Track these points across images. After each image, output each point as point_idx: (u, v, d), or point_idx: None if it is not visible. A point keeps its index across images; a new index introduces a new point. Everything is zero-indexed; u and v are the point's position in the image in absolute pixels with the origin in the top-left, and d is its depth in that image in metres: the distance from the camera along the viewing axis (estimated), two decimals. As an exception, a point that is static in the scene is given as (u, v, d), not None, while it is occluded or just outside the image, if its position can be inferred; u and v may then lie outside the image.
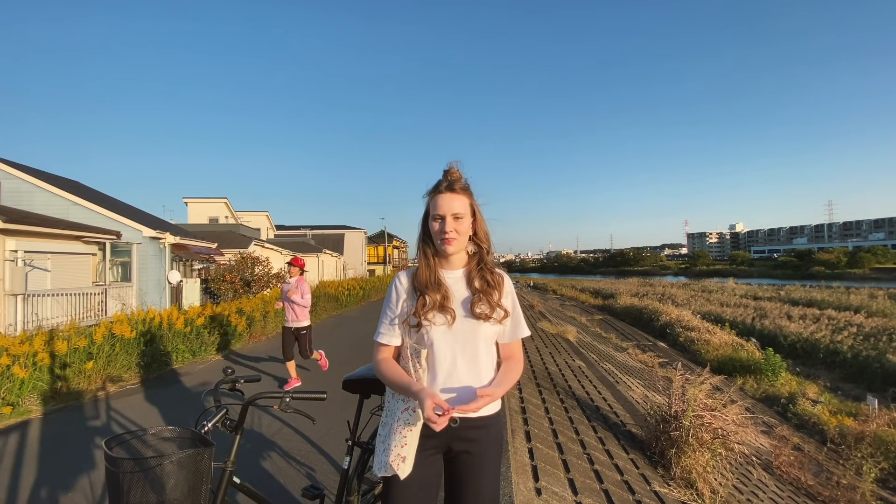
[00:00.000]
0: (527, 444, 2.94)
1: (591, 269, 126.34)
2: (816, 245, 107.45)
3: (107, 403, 4.97)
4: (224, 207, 26.91)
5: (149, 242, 12.17)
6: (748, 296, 29.02)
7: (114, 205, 13.48)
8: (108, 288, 10.79)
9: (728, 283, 39.44)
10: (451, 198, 1.38)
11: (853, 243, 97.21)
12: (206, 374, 6.23)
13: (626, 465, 3.19)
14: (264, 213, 31.35)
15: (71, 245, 10.63)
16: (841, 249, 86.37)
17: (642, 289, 35.12)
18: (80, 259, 11.05)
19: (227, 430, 1.60)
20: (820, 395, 10.55)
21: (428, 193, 1.43)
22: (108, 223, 11.64)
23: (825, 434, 7.50)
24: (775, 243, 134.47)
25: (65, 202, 11.57)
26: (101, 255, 11.46)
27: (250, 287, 14.32)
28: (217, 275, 14.46)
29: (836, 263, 77.09)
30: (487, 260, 1.45)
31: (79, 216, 11.47)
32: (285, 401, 1.59)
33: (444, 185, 1.40)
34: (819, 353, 14.31)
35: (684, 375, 3.74)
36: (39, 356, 5.07)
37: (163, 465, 1.21)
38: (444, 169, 1.44)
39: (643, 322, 20.34)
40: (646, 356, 12.27)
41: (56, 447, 3.74)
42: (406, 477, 1.26)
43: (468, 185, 1.44)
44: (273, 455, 3.40)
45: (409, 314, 1.37)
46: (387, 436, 1.33)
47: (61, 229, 10.00)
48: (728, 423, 3.30)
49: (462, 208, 1.38)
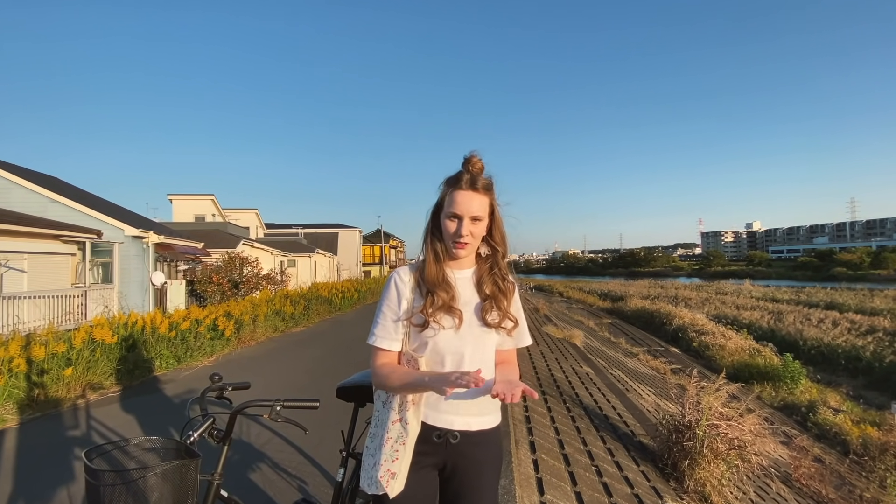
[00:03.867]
0: (531, 455, 2.94)
1: (600, 270, 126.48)
2: (838, 245, 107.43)
3: (87, 412, 4.96)
4: (211, 205, 26.90)
5: (131, 242, 12.18)
6: (766, 298, 29.05)
7: (94, 202, 13.49)
8: (88, 290, 10.79)
9: (744, 285, 39.50)
10: (472, 197, 1.30)
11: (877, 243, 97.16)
12: (191, 381, 6.23)
13: (636, 477, 3.19)
14: (254, 211, 31.36)
15: (49, 244, 10.63)
16: (864, 249, 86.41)
17: (653, 291, 35.18)
18: (58, 259, 11.05)
19: (214, 440, 1.59)
20: (842, 404, 10.55)
21: (445, 184, 1.35)
22: (88, 221, 11.64)
23: (847, 445, 7.51)
24: (794, 243, 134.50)
25: (42, 199, 11.57)
26: (80, 256, 11.45)
27: (239, 289, 14.33)
28: (203, 276, 14.48)
29: (858, 264, 77.13)
30: (502, 265, 1.39)
31: (57, 214, 11.46)
32: (276, 409, 1.59)
33: (466, 181, 1.30)
34: (841, 360, 14.31)
35: (698, 383, 3.74)
36: (15, 362, 5.07)
37: (146, 477, 1.21)
38: (465, 157, 1.34)
39: (654, 326, 20.35)
40: (657, 362, 12.28)
41: (33, 458, 3.73)
42: (397, 495, 1.22)
43: (491, 181, 1.36)
44: (263, 467, 3.39)
45: (415, 313, 1.32)
46: (376, 449, 1.29)
47: (39, 228, 10.00)
48: (745, 433, 3.30)
49: (481, 210, 1.31)
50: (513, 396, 1.15)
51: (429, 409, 1.31)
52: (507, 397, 1.15)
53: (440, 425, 1.30)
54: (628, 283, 48.44)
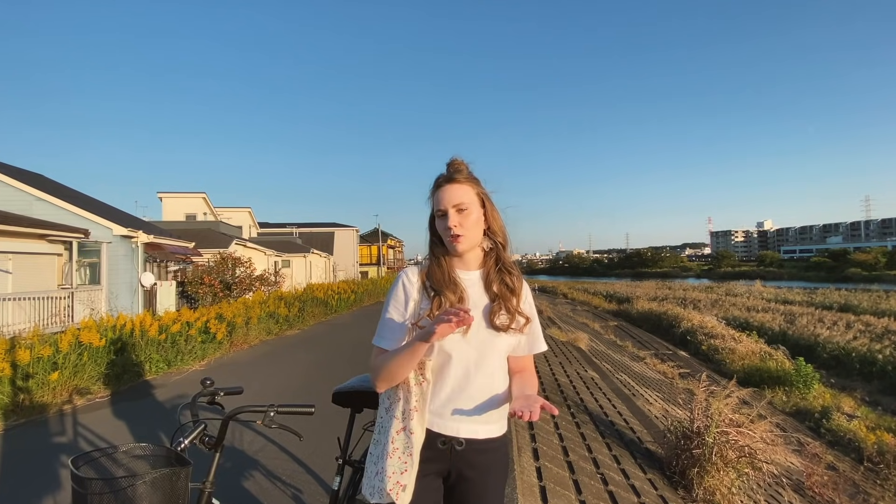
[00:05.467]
0: (534, 462, 2.94)
1: (605, 270, 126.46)
2: (852, 244, 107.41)
3: (73, 418, 4.96)
4: (202, 203, 26.92)
5: (119, 241, 12.18)
6: (777, 300, 29.05)
7: (81, 200, 13.48)
8: (74, 291, 10.79)
9: (755, 286, 39.53)
10: (451, 189, 1.34)
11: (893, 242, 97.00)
12: (182, 386, 6.23)
13: (643, 485, 3.19)
14: (246, 210, 31.36)
15: (34, 244, 10.63)
16: (879, 249, 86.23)
17: (661, 292, 35.18)
18: (44, 260, 11.05)
19: (206, 447, 1.59)
20: (856, 409, 10.55)
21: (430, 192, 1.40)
22: (75, 220, 11.64)
23: (862, 452, 7.50)
24: (807, 242, 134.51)
25: (27, 197, 11.57)
26: (67, 256, 11.46)
27: (231, 290, 14.34)
28: (195, 277, 14.48)
29: (874, 264, 77.05)
30: (505, 258, 1.40)
31: (43, 213, 11.47)
32: (269, 415, 1.59)
33: (445, 177, 1.37)
34: (855, 363, 14.32)
35: (708, 387, 3.74)
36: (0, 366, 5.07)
37: (135, 485, 1.21)
38: (447, 163, 1.41)
39: (662, 329, 20.36)
40: (665, 366, 12.29)
41: (17, 466, 3.74)
42: None
43: (474, 175, 1.40)
44: (256, 475, 3.39)
45: (423, 316, 1.31)
46: (379, 457, 1.29)
47: (23, 227, 10.00)
48: (756, 440, 3.30)
49: (466, 198, 1.34)
50: (531, 413, 1.10)
51: (434, 416, 1.31)
52: (525, 415, 1.10)
53: (446, 433, 1.30)
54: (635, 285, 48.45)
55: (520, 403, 1.17)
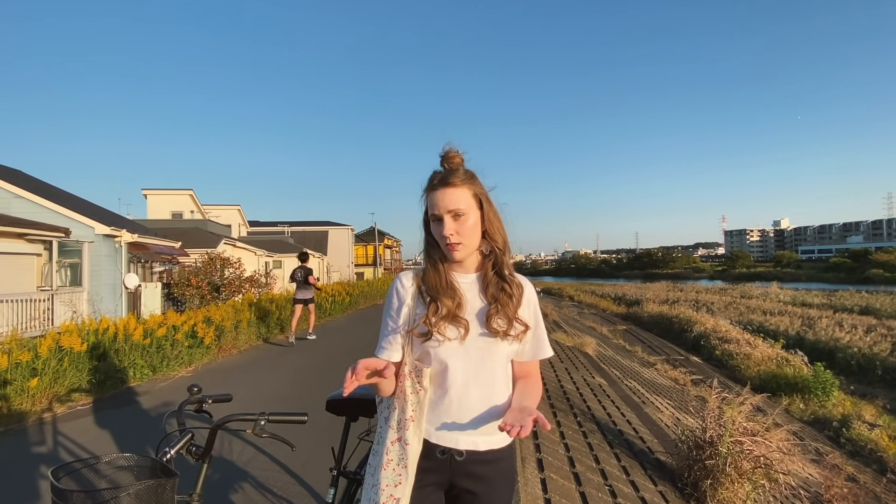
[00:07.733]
0: (539, 474, 2.94)
1: (614, 271, 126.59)
2: (874, 244, 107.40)
3: (53, 426, 4.96)
4: (189, 201, 26.94)
5: (102, 241, 12.18)
6: (795, 302, 29.05)
7: (62, 197, 13.50)
8: (55, 293, 10.80)
9: (772, 288, 39.48)
10: (446, 193, 1.30)
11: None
12: (168, 393, 6.23)
13: (653, 497, 3.19)
14: (236, 208, 31.41)
15: (12, 244, 10.63)
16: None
17: (672, 294, 35.15)
18: (22, 260, 11.05)
19: (193, 457, 1.59)
20: (878, 418, 10.55)
21: (424, 189, 1.36)
22: (55, 219, 11.65)
23: (884, 463, 7.51)
24: (826, 242, 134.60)
25: (5, 194, 11.59)
26: (47, 256, 11.47)
27: (219, 292, 14.35)
28: (181, 278, 14.49)
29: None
30: (504, 262, 1.38)
31: (21, 210, 11.48)
32: (260, 424, 1.59)
33: (439, 179, 1.32)
34: (878, 370, 14.32)
35: (721, 395, 3.75)
36: (-24, 372, 5.08)
37: (118, 497, 1.21)
38: (441, 153, 1.36)
39: (674, 333, 20.35)
40: (677, 372, 12.28)
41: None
42: None
43: (471, 173, 1.35)
44: (246, 486, 3.40)
45: (418, 322, 1.31)
46: (376, 468, 1.29)
47: (1, 226, 10.01)
48: (772, 449, 3.30)
49: (463, 203, 1.29)
50: (522, 429, 1.07)
51: (431, 426, 1.30)
52: (513, 430, 1.07)
53: (444, 444, 1.30)
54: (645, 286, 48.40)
55: (511, 417, 1.15)
